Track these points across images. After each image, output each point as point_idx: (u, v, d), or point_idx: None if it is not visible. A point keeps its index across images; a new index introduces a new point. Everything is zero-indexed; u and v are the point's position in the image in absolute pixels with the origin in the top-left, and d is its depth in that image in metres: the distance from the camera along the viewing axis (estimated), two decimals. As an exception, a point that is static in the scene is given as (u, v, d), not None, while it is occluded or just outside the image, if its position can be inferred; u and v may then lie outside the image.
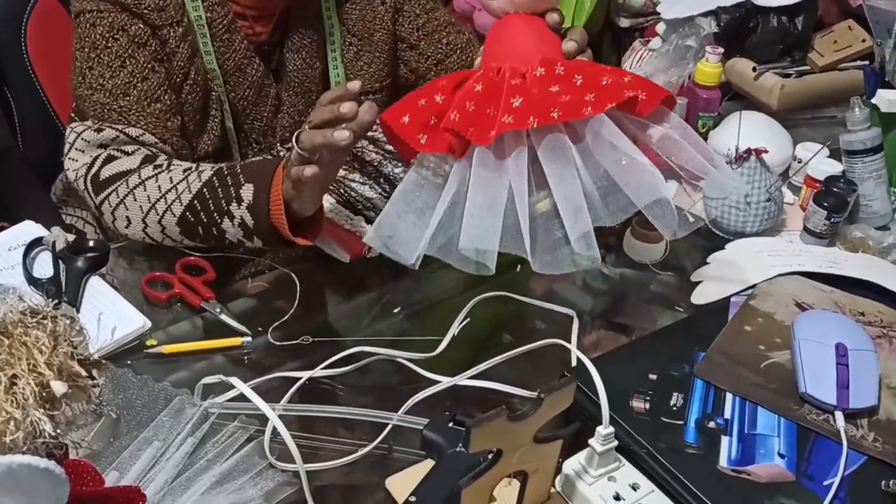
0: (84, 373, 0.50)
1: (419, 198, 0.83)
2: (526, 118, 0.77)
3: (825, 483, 0.74)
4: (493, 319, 0.95)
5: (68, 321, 0.52)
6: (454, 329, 0.90)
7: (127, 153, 1.00)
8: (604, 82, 0.80)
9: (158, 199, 0.96)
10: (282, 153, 1.11)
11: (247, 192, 0.92)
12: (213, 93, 1.08)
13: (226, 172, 0.95)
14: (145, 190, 0.96)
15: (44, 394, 0.48)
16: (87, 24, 1.00)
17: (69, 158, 1.02)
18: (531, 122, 0.77)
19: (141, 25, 1.00)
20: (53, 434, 0.48)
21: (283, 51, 1.11)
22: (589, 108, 0.78)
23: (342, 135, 0.83)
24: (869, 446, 0.78)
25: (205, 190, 0.94)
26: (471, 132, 0.79)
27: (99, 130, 1.00)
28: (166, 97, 1.02)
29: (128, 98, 1.00)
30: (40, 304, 0.52)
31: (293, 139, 0.87)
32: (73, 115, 1.07)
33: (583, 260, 0.80)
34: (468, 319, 0.92)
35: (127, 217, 0.97)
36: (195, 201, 0.94)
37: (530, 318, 0.97)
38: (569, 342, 0.88)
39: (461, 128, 0.79)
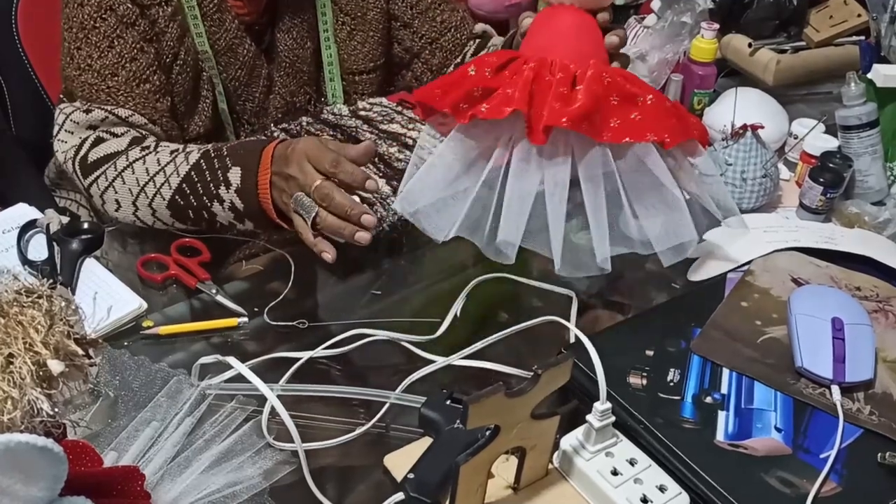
0: (81, 352, 0.50)
1: (452, 174, 0.84)
2: (581, 123, 0.79)
3: (821, 456, 0.74)
4: (491, 300, 0.95)
5: (64, 301, 0.52)
6: (455, 309, 0.89)
7: (116, 135, 1.00)
8: (650, 102, 0.82)
9: (147, 182, 0.95)
10: (275, 133, 1.11)
11: (234, 175, 0.92)
12: (205, 73, 1.07)
13: (212, 155, 0.94)
14: (133, 173, 0.96)
15: (41, 373, 0.48)
16: (75, 4, 0.99)
17: (58, 140, 1.02)
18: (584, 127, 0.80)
19: (129, 5, 0.99)
20: (51, 413, 0.48)
21: (274, 31, 1.11)
22: (651, 135, 0.81)
23: (364, 237, 0.86)
24: (865, 419, 0.78)
25: (192, 173, 0.93)
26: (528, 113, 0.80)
27: (88, 111, 1.00)
28: (155, 78, 1.02)
29: (116, 79, 1.00)
30: (35, 284, 0.52)
31: (299, 204, 0.88)
32: (61, 96, 1.06)
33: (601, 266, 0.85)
34: (467, 300, 0.92)
35: (116, 200, 0.97)
36: (184, 184, 0.93)
37: (528, 298, 0.96)
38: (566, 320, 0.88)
39: (520, 104, 0.79)
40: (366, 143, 0.96)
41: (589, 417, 0.72)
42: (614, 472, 0.71)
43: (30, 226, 0.96)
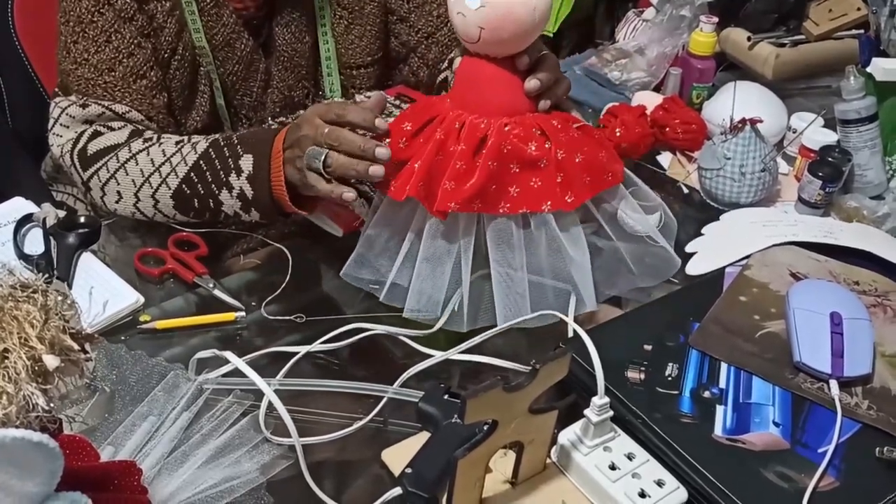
0: (76, 347, 0.50)
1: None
2: (473, 203, 0.82)
3: (820, 451, 0.74)
4: (488, 295, 0.95)
5: (59, 296, 0.52)
6: (453, 304, 0.89)
7: (113, 129, 0.99)
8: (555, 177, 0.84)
9: (152, 173, 0.95)
10: (273, 127, 1.11)
11: (246, 162, 0.91)
12: (202, 69, 1.07)
13: (222, 143, 0.94)
14: (137, 164, 0.96)
15: (36, 368, 0.48)
16: None
17: (53, 134, 1.01)
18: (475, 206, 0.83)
19: (127, 0, 0.99)
20: (47, 408, 0.48)
21: (272, 25, 1.10)
22: (547, 204, 0.84)
23: (378, 171, 0.84)
24: (863, 414, 0.78)
25: (201, 162, 0.93)
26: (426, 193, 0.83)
27: (84, 106, 0.99)
28: (152, 73, 1.01)
29: (113, 74, 0.99)
30: (31, 279, 0.51)
31: (310, 157, 0.86)
32: (57, 90, 1.06)
33: None
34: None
35: (118, 192, 0.97)
36: (192, 173, 0.93)
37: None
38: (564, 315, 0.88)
39: (413, 191, 0.83)
40: (377, 93, 0.95)
41: (587, 412, 0.72)
42: (612, 467, 0.71)
43: (26, 220, 0.96)
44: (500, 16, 0.79)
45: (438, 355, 0.83)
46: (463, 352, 0.84)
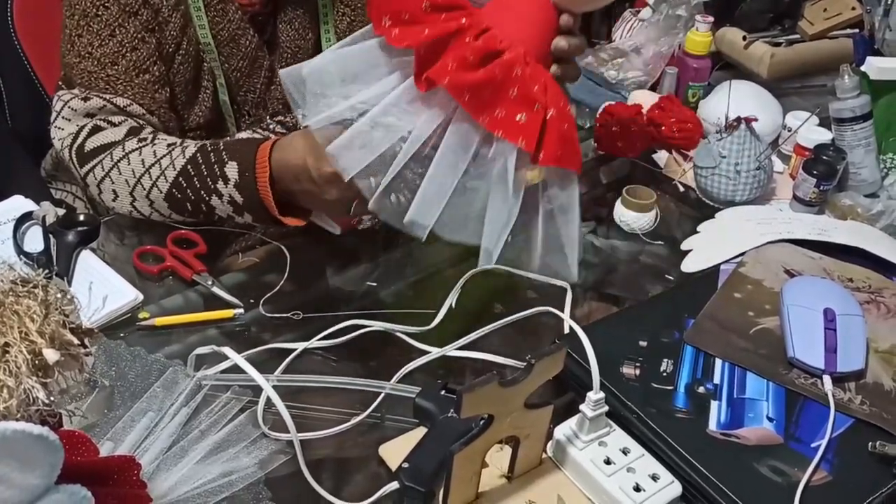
0: (76, 341, 0.50)
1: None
2: (463, 93, 0.75)
3: (813, 445, 0.75)
4: (485, 291, 0.96)
5: (59, 292, 0.52)
6: (450, 300, 0.89)
7: (113, 124, 1.00)
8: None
9: (143, 174, 0.95)
10: (271, 126, 1.11)
11: (231, 170, 0.91)
12: (206, 64, 1.07)
13: (209, 149, 0.94)
14: (129, 164, 0.96)
15: (36, 362, 0.48)
16: None
17: (55, 127, 1.02)
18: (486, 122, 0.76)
19: None
20: (47, 402, 0.48)
21: (276, 21, 1.11)
22: (523, 141, 0.77)
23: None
24: (856, 409, 0.79)
25: (189, 167, 0.93)
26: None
27: (86, 99, 1.00)
28: (155, 68, 1.02)
29: (116, 67, 1.00)
30: (31, 274, 0.52)
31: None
32: (60, 83, 1.06)
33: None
34: (461, 291, 0.93)
35: (114, 191, 0.97)
36: (180, 178, 0.93)
37: (523, 289, 0.97)
38: (560, 311, 0.89)
39: (414, 42, 0.76)
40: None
41: (582, 407, 0.73)
42: (607, 462, 0.72)
43: (26, 218, 0.96)
44: None
45: (435, 352, 0.84)
46: (459, 348, 0.85)
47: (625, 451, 0.73)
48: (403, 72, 0.80)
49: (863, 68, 1.15)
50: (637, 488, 0.70)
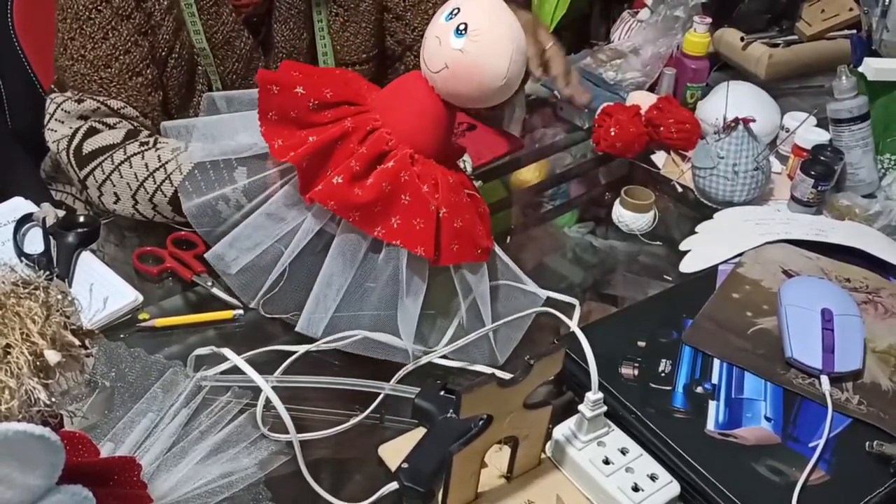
0: (77, 342, 0.51)
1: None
2: (352, 212, 0.76)
3: (810, 445, 0.75)
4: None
5: (60, 293, 0.52)
6: (460, 316, 0.85)
7: (109, 126, 1.00)
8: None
9: (147, 178, 0.95)
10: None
11: (240, 175, 0.92)
12: (200, 67, 1.07)
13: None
14: (131, 167, 0.96)
15: (37, 363, 0.49)
16: None
17: (48, 129, 1.02)
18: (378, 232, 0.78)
19: None
20: (48, 403, 0.49)
21: (270, 22, 1.11)
22: (421, 249, 0.77)
23: None
24: (853, 409, 0.79)
25: (196, 171, 0.93)
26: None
27: (79, 101, 1.00)
28: (148, 71, 1.02)
29: (109, 70, 1.00)
30: (32, 276, 0.52)
31: None
32: (53, 86, 1.06)
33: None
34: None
35: (115, 193, 0.97)
36: (186, 182, 0.93)
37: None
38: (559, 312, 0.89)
39: (296, 160, 0.77)
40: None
41: (581, 407, 0.73)
42: (606, 462, 0.72)
43: (26, 219, 0.96)
44: (468, 71, 0.75)
45: (434, 351, 0.84)
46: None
47: (623, 451, 0.73)
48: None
49: (860, 69, 1.15)
50: (636, 488, 0.70)
